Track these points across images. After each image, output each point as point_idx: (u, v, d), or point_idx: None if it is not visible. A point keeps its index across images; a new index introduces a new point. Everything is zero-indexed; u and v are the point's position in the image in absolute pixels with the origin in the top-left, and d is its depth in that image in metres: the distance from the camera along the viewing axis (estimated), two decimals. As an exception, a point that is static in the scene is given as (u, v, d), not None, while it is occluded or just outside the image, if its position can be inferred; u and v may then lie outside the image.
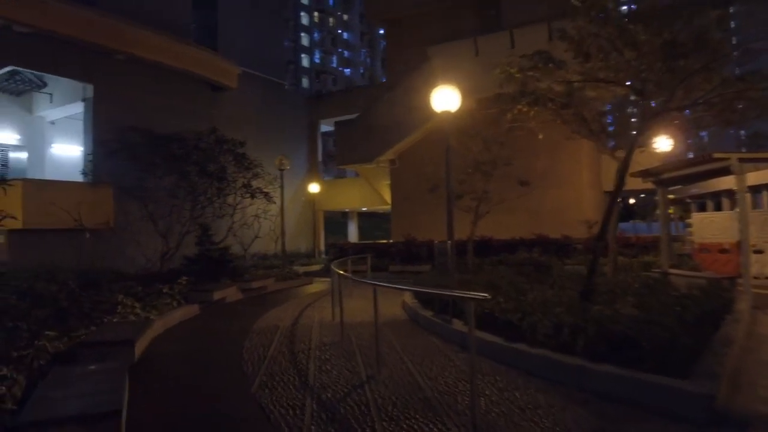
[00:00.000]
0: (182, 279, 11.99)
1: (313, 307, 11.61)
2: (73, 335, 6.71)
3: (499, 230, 19.79)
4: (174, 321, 9.62)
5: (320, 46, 79.14)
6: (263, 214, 23.23)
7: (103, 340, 5.72)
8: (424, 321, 8.96)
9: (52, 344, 5.61)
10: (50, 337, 5.73)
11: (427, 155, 23.36)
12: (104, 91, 19.98)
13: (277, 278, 16.21)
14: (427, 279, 12.30)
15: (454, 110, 10.39)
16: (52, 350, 5.53)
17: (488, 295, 4.88)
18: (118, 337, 5.86)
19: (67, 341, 6.15)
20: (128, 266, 19.49)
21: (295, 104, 30.50)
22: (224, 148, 19.96)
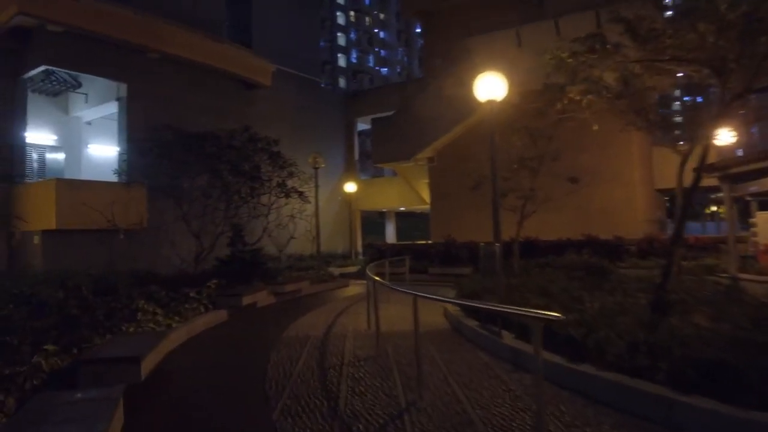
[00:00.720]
0: (212, 282, 11.40)
1: (347, 314, 10.84)
2: (84, 347, 6.10)
3: (545, 230, 18.72)
4: (198, 329, 8.99)
5: (357, 46, 78.68)
6: (299, 214, 22.65)
7: (105, 357, 5.05)
8: (468, 332, 8.09)
9: (50, 360, 4.98)
10: (49, 353, 5.11)
11: (467, 152, 22.47)
12: (138, 90, 19.69)
13: (311, 281, 15.52)
14: (471, 283, 11.39)
15: (499, 99, 9.45)
16: (49, 368, 4.90)
17: (561, 315, 3.97)
18: (123, 352, 5.19)
19: (72, 355, 5.53)
20: (163, 267, 19.14)
21: (330, 102, 29.90)
22: (258, 146, 19.44)
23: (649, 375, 4.85)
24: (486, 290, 9.12)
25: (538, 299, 8.01)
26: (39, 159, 20.84)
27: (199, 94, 21.68)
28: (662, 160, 21.67)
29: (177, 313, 8.89)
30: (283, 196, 20.05)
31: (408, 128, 23.15)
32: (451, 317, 9.34)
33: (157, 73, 20.39)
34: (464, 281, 11.91)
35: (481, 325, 7.90)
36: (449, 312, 9.68)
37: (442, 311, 10.68)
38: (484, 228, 21.42)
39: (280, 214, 21.94)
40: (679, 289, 9.17)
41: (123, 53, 19.21)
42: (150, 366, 5.54)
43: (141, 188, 18.56)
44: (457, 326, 8.76)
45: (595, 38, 9.96)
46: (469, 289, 10.39)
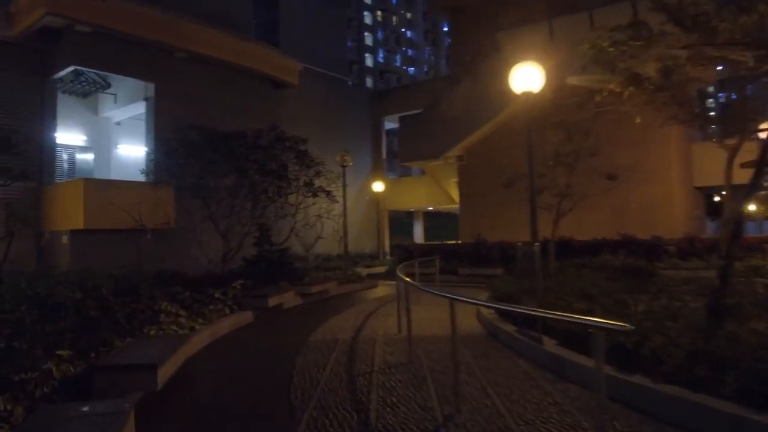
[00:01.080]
0: (237, 283, 11.14)
1: (376, 316, 10.46)
2: (102, 350, 5.83)
3: (579, 230, 18.08)
4: (222, 331, 8.70)
5: (384, 45, 78.37)
6: (326, 214, 22.38)
7: (120, 364, 4.75)
8: (505, 337, 7.63)
9: (61, 367, 4.70)
10: (62, 358, 4.83)
11: (497, 150, 21.94)
12: (165, 90, 19.64)
13: (339, 281, 15.20)
14: (504, 284, 10.90)
15: (536, 91, 8.97)
16: (60, 374, 4.61)
17: (629, 325, 3.51)
18: (139, 359, 4.88)
19: (89, 360, 5.25)
20: (190, 267, 19.02)
21: (358, 101, 29.60)
22: (285, 145, 19.22)
23: (712, 389, 4.35)
24: (523, 292, 8.64)
25: (579, 303, 7.52)
26: (69, 159, 20.97)
27: (226, 94, 21.57)
28: (701, 157, 20.83)
29: (201, 315, 8.62)
30: (310, 195, 19.79)
31: (437, 126, 22.69)
32: (486, 321, 8.89)
33: (185, 72, 20.32)
34: (497, 283, 11.43)
35: (518, 329, 7.43)
36: (483, 315, 9.23)
37: (474, 314, 10.25)
38: (515, 227, 20.99)
39: (308, 214, 21.70)
40: (732, 292, 8.60)
41: (150, 53, 19.17)
42: (169, 372, 5.23)
43: (168, 188, 18.46)
44: (492, 330, 8.31)
45: (638, 26, 9.44)
46: (503, 291, 9.91)
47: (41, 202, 18.21)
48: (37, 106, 18.70)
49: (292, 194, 19.80)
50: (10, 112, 17.86)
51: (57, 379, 4.54)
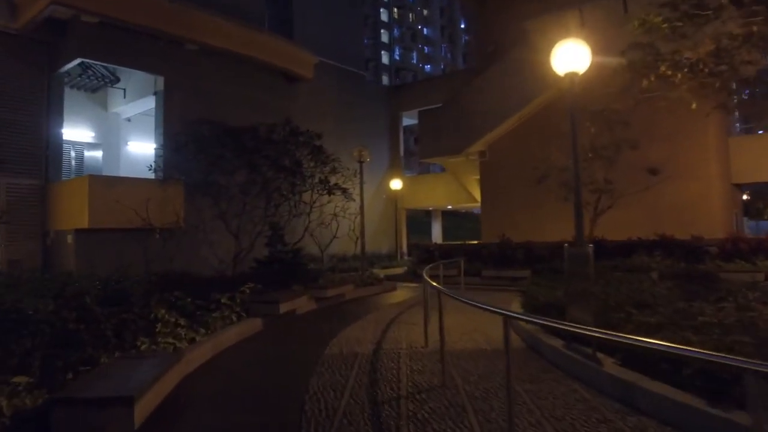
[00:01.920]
0: (246, 286, 10.20)
1: (399, 324, 9.47)
2: (81, 370, 4.92)
3: (610, 230, 16.90)
4: (227, 342, 7.77)
5: (400, 43, 77.37)
6: (342, 213, 21.48)
7: (87, 398, 3.78)
8: (551, 353, 6.60)
9: (14, 401, 3.78)
10: (16, 389, 3.90)
11: (523, 144, 20.79)
12: (175, 83, 18.81)
13: (355, 284, 14.23)
14: (540, 290, 9.86)
15: (581, 71, 7.94)
16: (12, 411, 3.68)
17: None
18: (112, 389, 3.91)
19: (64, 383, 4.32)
20: (201, 268, 18.16)
21: (375, 96, 28.63)
22: (299, 140, 18.33)
23: None
24: (577, 297, 7.59)
25: (640, 314, 6.48)
26: (77, 157, 20.26)
27: (238, 88, 20.72)
28: (739, 152, 19.61)
29: (203, 324, 7.69)
30: (325, 193, 18.89)
31: (458, 120, 21.66)
32: (524, 332, 7.86)
33: (195, 65, 19.49)
34: (533, 288, 10.37)
35: (567, 344, 6.41)
36: (521, 325, 8.20)
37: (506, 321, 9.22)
38: (542, 227, 19.91)
39: (322, 213, 20.81)
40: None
41: (160, 45, 18.36)
42: (154, 402, 4.29)
43: (177, 185, 17.64)
44: (533, 344, 7.29)
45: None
46: (542, 299, 8.88)
47: (46, 200, 17.48)
48: (43, 101, 17.95)
49: (307, 192, 18.91)
50: (15, 107, 17.14)
51: (8, 416, 3.62)
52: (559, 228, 18.76)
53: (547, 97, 20.13)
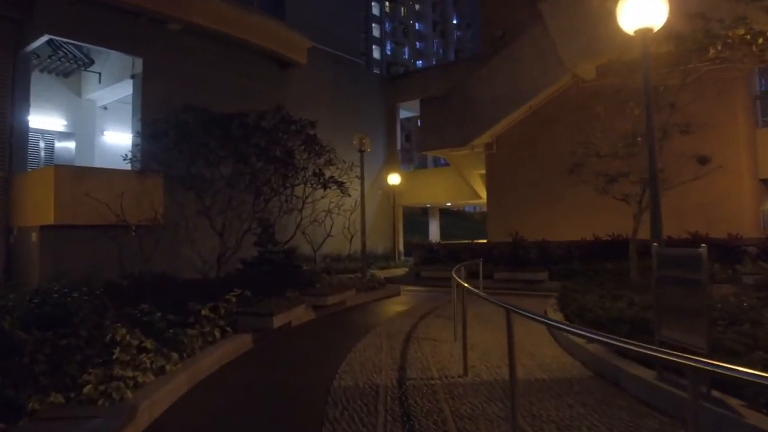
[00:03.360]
0: (232, 294, 8.52)
1: (418, 341, 7.81)
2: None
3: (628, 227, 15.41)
4: (208, 369, 6.08)
5: (392, 38, 75.74)
6: (336, 209, 19.88)
7: None
8: (637, 387, 4.97)
9: None
10: None
11: (535, 136, 19.24)
12: (155, 66, 17.02)
13: (357, 289, 12.55)
14: (584, 297, 8.27)
15: (657, 28, 6.35)
16: None
17: None
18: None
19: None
20: (182, 269, 16.47)
21: (371, 86, 26.93)
22: (291, 129, 16.67)
23: None
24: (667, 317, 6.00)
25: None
26: (47, 147, 18.41)
27: (225, 73, 18.98)
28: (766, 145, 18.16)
29: (177, 346, 6.00)
30: (320, 187, 17.25)
31: (463, 110, 20.06)
32: (584, 354, 6.24)
33: (179, 47, 17.71)
34: (576, 296, 8.76)
35: (661, 376, 4.81)
36: (574, 344, 6.60)
37: (542, 332, 7.72)
38: (556, 225, 18.28)
39: (315, 209, 19.20)
40: None
41: (139, 23, 16.58)
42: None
43: (156, 178, 15.88)
44: (603, 371, 5.67)
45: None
46: (596, 310, 7.27)
47: (9, 193, 15.66)
48: (7, 83, 16.06)
49: (299, 185, 17.27)
50: (-27, 90, 15.33)
51: None
52: (579, 225, 17.36)
53: (561, 85, 18.62)
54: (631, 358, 5.46)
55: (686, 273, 4.71)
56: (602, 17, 15.86)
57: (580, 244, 15.55)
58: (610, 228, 15.52)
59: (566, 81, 18.54)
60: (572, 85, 18.70)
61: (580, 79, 18.37)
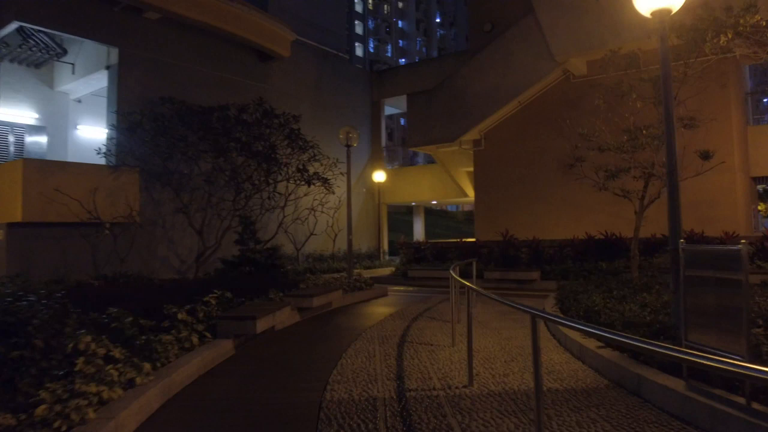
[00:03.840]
0: (212, 295, 7.90)
1: (413, 345, 7.26)
2: None
3: (622, 225, 15.10)
4: (184, 380, 5.47)
5: (374, 35, 75.20)
6: (320, 207, 19.35)
7: None
8: (665, 398, 4.47)
9: None
10: None
11: (524, 132, 18.82)
12: (131, 57, 16.28)
13: (343, 289, 11.97)
14: (589, 298, 7.79)
15: (675, 8, 5.88)
16: None
17: None
18: None
19: None
20: (159, 269, 15.82)
21: (356, 81, 26.35)
22: (274, 123, 16.07)
23: None
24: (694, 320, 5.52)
25: None
26: (16, 141, 17.56)
27: (205, 65, 18.26)
28: (757, 142, 17.94)
29: (150, 354, 5.39)
30: (303, 183, 16.69)
31: (452, 106, 19.59)
32: (597, 360, 5.74)
33: (156, 37, 16.98)
34: (581, 297, 8.26)
35: (691, 386, 4.32)
36: (583, 348, 6.11)
37: (544, 334, 7.26)
38: (547, 223, 17.85)
39: (298, 207, 18.65)
40: None
41: (115, 11, 15.84)
42: None
43: (132, 173, 15.17)
44: (622, 379, 5.16)
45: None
46: (609, 313, 6.78)
47: (-25, 188, 14.81)
48: (-28, 73, 15.29)
49: (282, 182, 16.68)
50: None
51: None
52: (571, 223, 16.94)
53: (551, 80, 18.24)
54: (653, 364, 4.99)
55: (721, 272, 4.23)
56: (596, 11, 15.54)
57: (573, 243, 15.14)
58: (603, 226, 15.16)
59: (556, 76, 18.16)
60: (563, 80, 18.33)
61: (570, 74, 18.00)
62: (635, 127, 9.48)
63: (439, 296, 12.76)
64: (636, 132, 9.33)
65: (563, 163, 17.69)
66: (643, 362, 5.11)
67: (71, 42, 16.95)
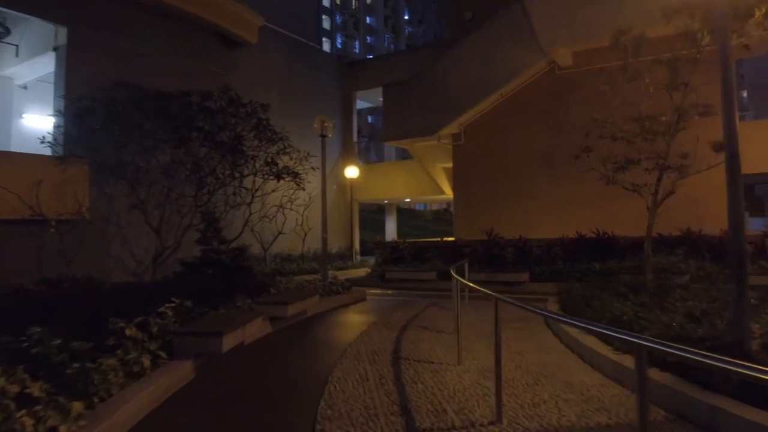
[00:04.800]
0: (167, 306, 6.63)
1: (410, 363, 6.12)
2: None
3: (612, 223, 14.34)
4: (130, 421, 4.25)
5: (342, 30, 73.91)
6: (289, 204, 18.08)
7: None
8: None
9: None
10: None
11: (507, 126, 17.90)
12: (82, 37, 14.76)
13: (319, 294, 10.76)
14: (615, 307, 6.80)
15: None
16: None
17: None
18: None
19: None
20: (112, 271, 14.39)
21: (326, 71, 25.07)
22: (241, 112, 14.77)
23: None
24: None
25: None
26: (-49, 130, 15.86)
27: (166, 50, 16.80)
28: (744, 140, 17.41)
29: (84, 388, 4.14)
30: (272, 177, 15.43)
31: (430, 97, 18.54)
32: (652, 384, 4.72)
33: (111, 17, 15.47)
34: (598, 305, 7.27)
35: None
36: (619, 368, 5.09)
37: (556, 346, 6.26)
38: (533, 221, 16.81)
39: (266, 204, 17.37)
40: None
41: (61, -14, 14.28)
42: None
43: (81, 165, 13.68)
44: (685, 410, 4.15)
45: None
46: (638, 323, 5.79)
47: None
48: None
49: (249, 176, 15.39)
50: None
51: None
52: (557, 222, 16.03)
53: (537, 70, 17.38)
54: (723, 390, 4.01)
55: None
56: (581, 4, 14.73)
57: (562, 242, 14.27)
58: (593, 224, 14.36)
59: (541, 67, 17.31)
60: (547, 72, 17.48)
61: (556, 66, 17.16)
62: (646, 115, 8.55)
63: (422, 300, 11.70)
64: (650, 120, 8.39)
65: (549, 158, 16.91)
66: (711, 388, 4.12)
67: (14, 20, 15.34)
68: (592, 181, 16.29)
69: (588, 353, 5.88)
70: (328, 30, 69.94)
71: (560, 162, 16.89)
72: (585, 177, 16.53)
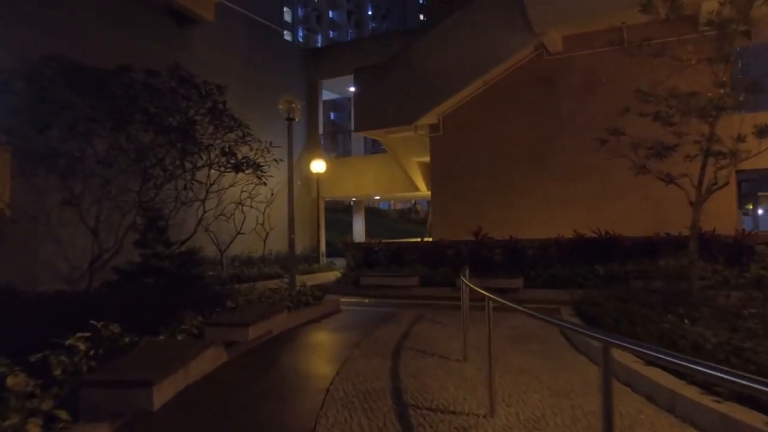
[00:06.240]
0: (80, 336, 4.77)
1: (422, 413, 4.44)
2: None
3: (613, 223, 13.04)
4: None
5: (304, 23, 71.80)
6: (248, 200, 16.26)
7: None
8: None
9: None
10: None
11: (490, 116, 16.35)
12: (7, 6, 12.61)
13: (287, 308, 8.94)
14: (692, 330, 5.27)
15: None
16: None
17: None
18: None
19: None
20: (41, 278, 12.33)
21: (290, 57, 23.22)
22: (194, 93, 12.87)
23: None
24: None
25: None
26: None
27: (107, 25, 14.73)
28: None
29: None
30: (230, 169, 13.59)
31: (408, 83, 16.90)
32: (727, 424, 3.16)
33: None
34: (654, 327, 5.69)
35: None
36: (688, 402, 3.55)
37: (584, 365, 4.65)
38: (524, 220, 15.22)
39: (222, 200, 15.50)
40: None
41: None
42: None
43: (3, 154, 11.56)
44: None
45: None
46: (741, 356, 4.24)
47: None
48: None
49: (203, 168, 13.51)
50: None
51: None
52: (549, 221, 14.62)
53: (524, 56, 15.96)
54: None
55: None
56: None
57: (558, 243, 12.82)
58: (588, 224, 13.00)
59: (528, 52, 15.89)
60: (535, 58, 16.06)
61: (544, 51, 15.74)
62: (688, 92, 7.09)
63: (407, 312, 10.04)
64: (694, 97, 6.92)
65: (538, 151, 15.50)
66: None
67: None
68: (587, 177, 15.05)
69: (667, 396, 4.30)
70: (289, 23, 67.68)
71: (551, 155, 15.53)
72: (578, 173, 15.27)
